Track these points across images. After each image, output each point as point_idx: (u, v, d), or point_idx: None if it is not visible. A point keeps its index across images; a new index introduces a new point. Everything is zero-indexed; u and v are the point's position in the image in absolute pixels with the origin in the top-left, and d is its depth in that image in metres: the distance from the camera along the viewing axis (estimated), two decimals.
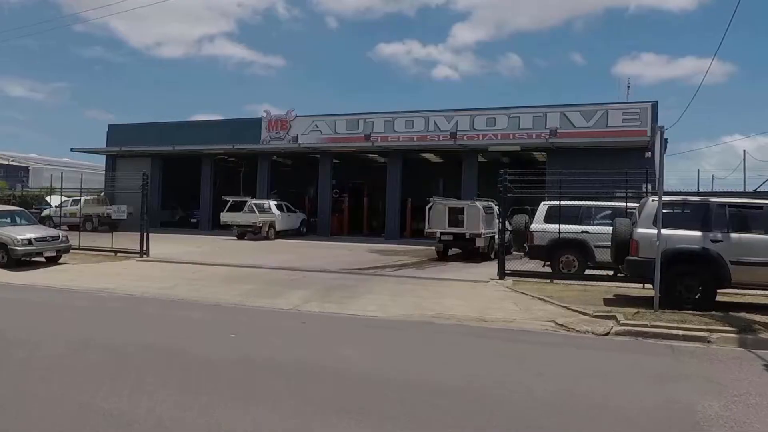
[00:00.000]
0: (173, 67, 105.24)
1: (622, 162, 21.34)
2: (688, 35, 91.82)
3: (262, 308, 10.59)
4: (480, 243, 18.80)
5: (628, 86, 26.88)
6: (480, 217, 18.80)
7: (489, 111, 27.96)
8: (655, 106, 24.92)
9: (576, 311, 10.12)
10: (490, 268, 17.12)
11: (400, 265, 17.80)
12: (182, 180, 35.25)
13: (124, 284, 13.05)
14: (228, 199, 27.79)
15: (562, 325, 9.26)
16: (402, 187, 29.11)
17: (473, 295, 12.23)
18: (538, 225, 14.71)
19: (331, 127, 30.67)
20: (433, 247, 22.67)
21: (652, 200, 10.61)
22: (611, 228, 14.09)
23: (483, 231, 18.81)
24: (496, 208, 20.28)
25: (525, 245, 14.81)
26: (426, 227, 19.50)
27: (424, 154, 33.97)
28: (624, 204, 14.52)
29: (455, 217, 19.29)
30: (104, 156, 36.53)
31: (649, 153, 24.00)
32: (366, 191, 33.94)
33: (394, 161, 29.11)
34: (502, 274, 14.09)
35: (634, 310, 9.84)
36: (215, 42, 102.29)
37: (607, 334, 8.75)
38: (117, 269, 15.78)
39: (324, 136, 30.63)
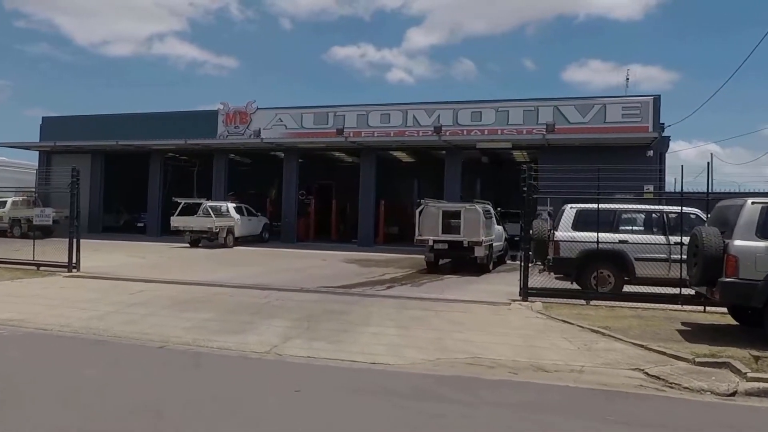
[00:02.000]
0: (122, 66, 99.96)
1: (622, 161, 19.06)
2: (633, 44, 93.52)
3: (228, 352, 7.54)
4: (480, 252, 16.08)
5: (627, 78, 24.60)
6: (480, 222, 16.08)
7: (475, 104, 25.40)
8: (657, 100, 22.78)
9: (661, 353, 7.45)
10: (498, 284, 14.55)
11: (389, 280, 14.92)
12: (128, 180, 31.52)
13: (39, 313, 9.74)
14: (179, 201, 24.33)
15: (657, 378, 6.57)
16: (376, 188, 26.25)
17: (502, 324, 9.46)
18: (565, 233, 12.07)
19: (297, 120, 27.56)
20: (416, 256, 20.05)
21: (752, 203, 8.04)
22: (655, 237, 11.73)
23: (483, 238, 16.10)
24: (493, 211, 17.71)
25: (548, 258, 12.12)
26: (416, 234, 16.66)
27: (395, 153, 31.30)
28: (669, 208, 12.08)
29: (450, 222, 16.51)
30: (37, 152, 32.37)
31: (651, 151, 21.96)
32: (334, 193, 30.95)
33: (368, 159, 26.19)
34: (525, 293, 11.38)
35: (744, 352, 7.23)
36: (165, 41, 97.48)
37: (733, 394, 6.09)
38: (35, 289, 12.37)
39: (289, 130, 27.50)
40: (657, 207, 12.07)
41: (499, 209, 19.10)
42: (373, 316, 9.94)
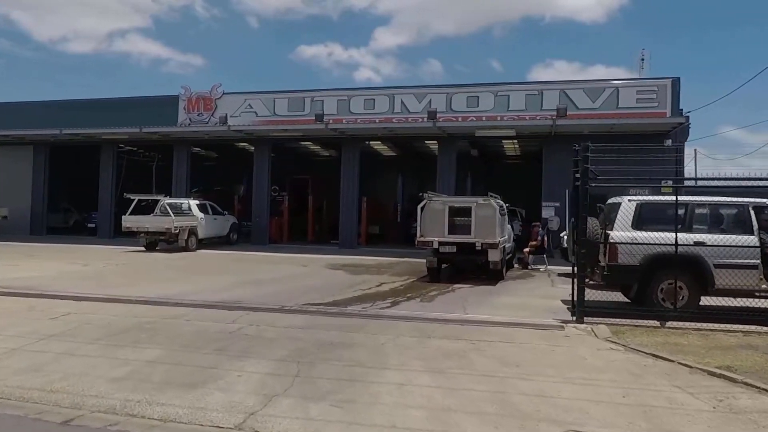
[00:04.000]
0: (82, 63, 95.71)
1: (636, 151, 16.63)
2: (597, 45, 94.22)
3: (177, 430, 4.64)
4: (495, 256, 13.37)
5: (642, 59, 22.26)
6: (496, 221, 13.38)
7: (470, 88, 22.68)
8: (676, 83, 20.40)
9: None
10: (523, 295, 12.00)
11: (390, 292, 12.07)
12: (79, 176, 28.03)
13: None
14: (132, 198, 21.04)
15: None
16: (360, 184, 23.39)
17: (574, 363, 6.71)
18: (624, 233, 9.39)
19: (269, 107, 24.47)
20: (410, 259, 17.47)
21: None
22: (743, 237, 9.14)
23: (499, 240, 13.40)
24: (505, 207, 15.06)
25: (602, 265, 9.43)
26: (418, 234, 13.86)
27: (376, 147, 28.53)
28: (756, 200, 9.50)
29: (456, 220, 13.77)
30: None
31: (670, 140, 19.62)
32: (311, 189, 27.99)
33: (351, 150, 23.29)
34: (580, 313, 8.67)
35: None
36: (127, 38, 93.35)
37: None
38: None
39: (260, 118, 24.39)
40: (741, 200, 9.48)
41: (507, 205, 16.41)
42: (389, 350, 7.10)
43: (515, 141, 26.69)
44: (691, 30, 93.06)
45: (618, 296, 10.33)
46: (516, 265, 17.07)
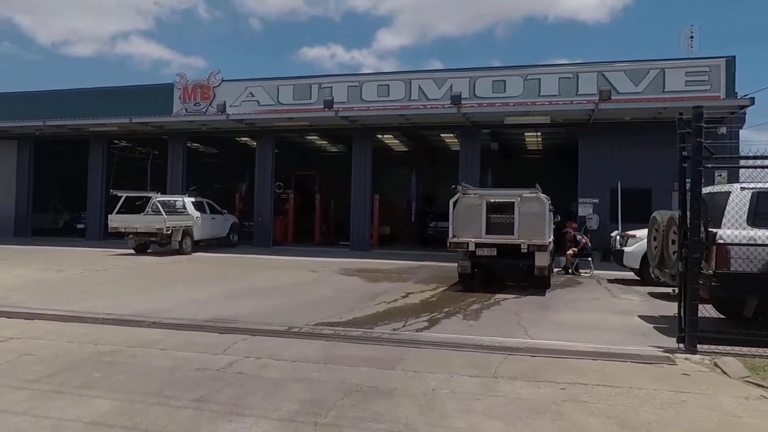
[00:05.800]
0: (85, 65, 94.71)
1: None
2: (600, 45, 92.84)
3: None
4: (542, 261, 11.11)
5: (691, 37, 19.80)
6: (545, 218, 11.16)
7: (497, 71, 20.36)
8: (731, 62, 18.04)
9: None
10: (584, 309, 9.73)
11: (421, 305, 9.81)
12: (71, 174, 25.87)
13: None
14: (119, 195, 18.84)
15: None
16: (372, 179, 21.17)
17: (726, 427, 4.47)
18: (737, 231, 7.16)
19: (273, 95, 22.21)
20: (432, 263, 15.38)
21: None
22: None
23: (549, 241, 11.18)
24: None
25: (707, 273, 7.17)
26: (450, 234, 11.61)
27: (388, 141, 26.46)
28: None
29: (495, 217, 11.55)
30: None
31: (724, 129, 17.34)
32: (318, 186, 25.81)
33: (363, 143, 21.05)
34: (692, 339, 6.43)
35: None
36: (130, 40, 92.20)
37: None
38: None
39: (263, 107, 22.14)
40: None
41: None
42: (445, 402, 4.87)
43: (539, 133, 24.47)
44: (702, 25, 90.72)
45: (709, 311, 8.11)
46: (557, 270, 14.82)
